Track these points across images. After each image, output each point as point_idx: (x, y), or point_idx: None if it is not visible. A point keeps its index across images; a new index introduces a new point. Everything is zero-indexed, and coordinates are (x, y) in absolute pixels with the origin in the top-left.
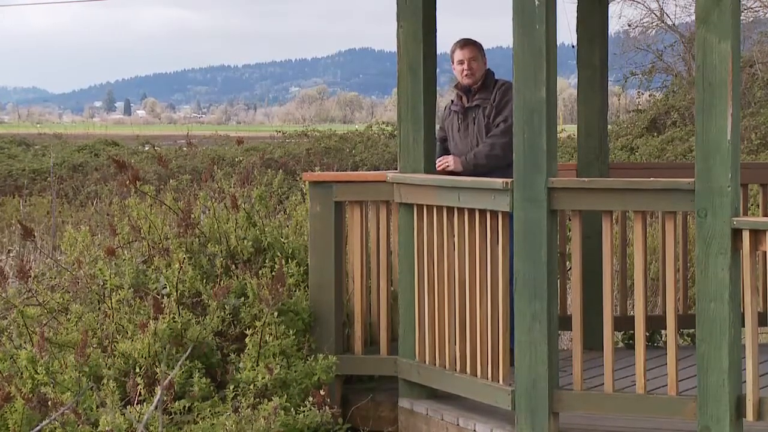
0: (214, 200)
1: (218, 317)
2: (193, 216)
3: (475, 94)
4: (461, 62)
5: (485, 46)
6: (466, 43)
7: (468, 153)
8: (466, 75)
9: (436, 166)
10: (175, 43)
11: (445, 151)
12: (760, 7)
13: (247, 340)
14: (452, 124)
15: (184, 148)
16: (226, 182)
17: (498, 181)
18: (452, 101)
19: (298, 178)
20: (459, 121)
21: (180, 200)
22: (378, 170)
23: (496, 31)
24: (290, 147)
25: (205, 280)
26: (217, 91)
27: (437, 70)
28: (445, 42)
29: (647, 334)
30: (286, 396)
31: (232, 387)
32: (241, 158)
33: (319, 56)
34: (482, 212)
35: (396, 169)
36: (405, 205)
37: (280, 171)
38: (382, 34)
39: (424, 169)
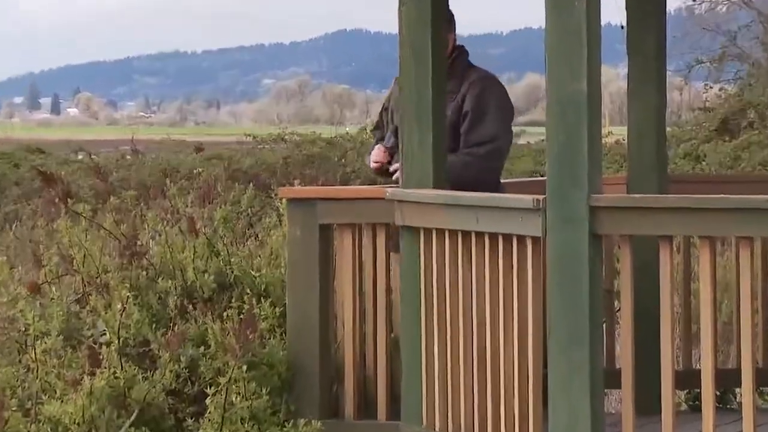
0: (166, 223)
1: (171, 372)
2: (139, 243)
3: None
4: None
5: (511, 27)
6: None
7: None
8: None
9: (373, 161)
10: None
11: (390, 143)
12: None
13: (207, 401)
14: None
15: (128, 157)
16: (182, 200)
17: (527, 198)
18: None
19: (273, 195)
20: None
21: (123, 223)
22: (374, 184)
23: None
24: (263, 155)
25: (155, 325)
26: (170, 84)
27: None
28: (458, 22)
29: (717, 393)
30: None
31: None
32: (200, 169)
33: (300, 39)
34: (507, 237)
35: (397, 183)
36: (408, 229)
37: (251, 185)
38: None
39: (432, 183)
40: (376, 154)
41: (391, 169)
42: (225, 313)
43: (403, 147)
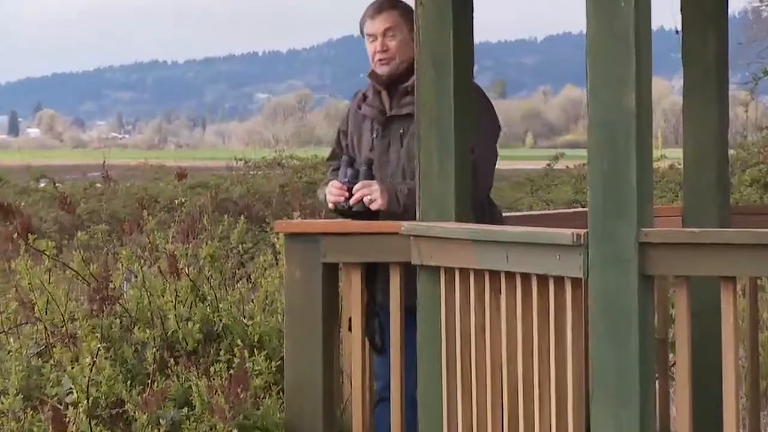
0: (143, 262)
1: None
2: (112, 286)
3: (404, 95)
4: (372, 38)
5: (547, 32)
6: (382, 8)
7: (398, 183)
8: (380, 60)
9: (329, 197)
10: (87, 29)
11: (348, 176)
12: None
13: None
14: (361, 133)
15: (99, 185)
16: (162, 235)
17: (566, 233)
18: (364, 96)
19: (268, 229)
20: (375, 131)
21: (93, 262)
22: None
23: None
24: (256, 182)
25: (130, 382)
26: (148, 100)
27: (474, 66)
28: (482, 26)
29: None
30: None
31: None
32: (183, 199)
33: (299, 47)
34: (542, 279)
35: (413, 215)
36: (427, 269)
37: (242, 218)
38: None
39: (455, 215)
40: (334, 192)
41: (353, 206)
42: (212, 368)
43: (420, 174)
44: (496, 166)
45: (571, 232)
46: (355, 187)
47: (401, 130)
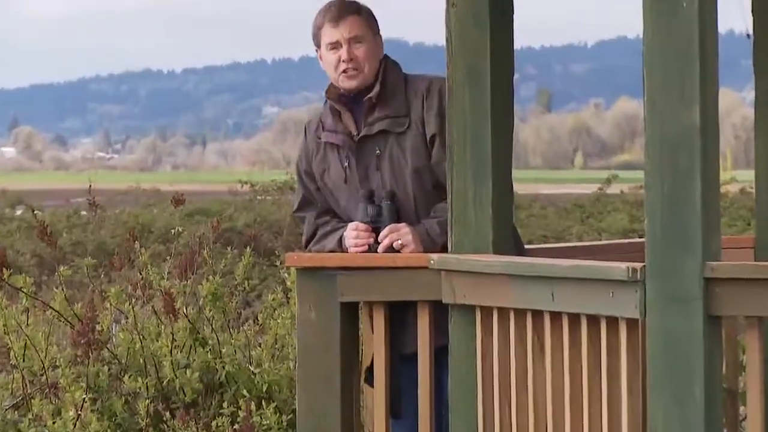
0: (135, 301)
1: None
2: (99, 328)
3: (372, 109)
4: (335, 46)
5: (598, 36)
6: (344, 12)
7: (427, 220)
8: (345, 72)
9: (350, 243)
10: (70, 33)
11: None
12: None
13: None
14: (328, 165)
15: (84, 213)
16: (156, 270)
17: (620, 267)
18: (321, 124)
19: (278, 263)
20: (345, 159)
21: (77, 301)
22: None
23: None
24: (265, 209)
25: None
26: (140, 114)
27: (515, 74)
28: (524, 29)
29: None
30: None
31: None
32: (180, 229)
33: (314, 54)
34: (592, 319)
35: (445, 247)
36: (461, 308)
37: (248, 250)
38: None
39: (493, 246)
40: (359, 237)
41: (382, 249)
42: (214, 423)
43: (452, 199)
44: (542, 191)
45: (626, 266)
46: (382, 233)
47: (377, 151)
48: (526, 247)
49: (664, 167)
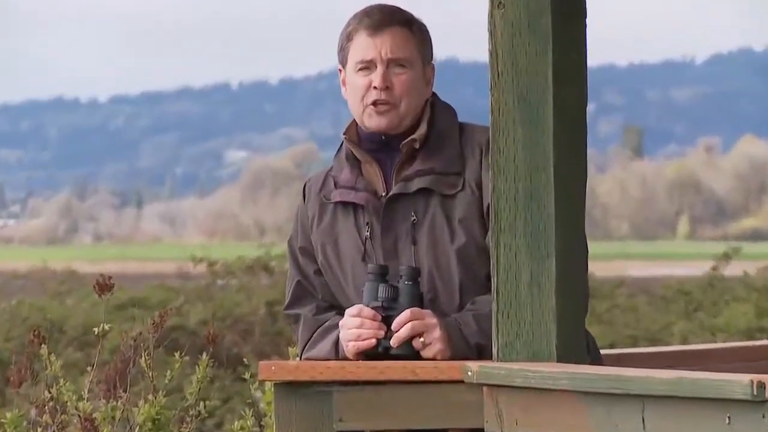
0: (41, 430)
1: None
2: None
3: (411, 158)
4: (367, 66)
5: (709, 51)
6: (386, 21)
7: (462, 313)
8: (374, 105)
9: (349, 336)
10: None
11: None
12: None
13: None
14: (337, 238)
15: None
16: (72, 387)
17: (741, 381)
18: (333, 180)
19: (246, 375)
20: (366, 227)
21: None
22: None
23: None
24: (228, 299)
25: None
26: (49, 161)
27: (587, 104)
28: (602, 41)
29: None
30: None
31: None
32: (107, 326)
33: (297, 75)
34: None
35: (486, 352)
36: None
37: (205, 357)
38: (452, 22)
39: (557, 353)
40: (362, 324)
41: (394, 348)
42: None
43: (497, 287)
44: (631, 272)
45: (749, 379)
46: (398, 319)
47: (413, 217)
48: (607, 352)
49: None
